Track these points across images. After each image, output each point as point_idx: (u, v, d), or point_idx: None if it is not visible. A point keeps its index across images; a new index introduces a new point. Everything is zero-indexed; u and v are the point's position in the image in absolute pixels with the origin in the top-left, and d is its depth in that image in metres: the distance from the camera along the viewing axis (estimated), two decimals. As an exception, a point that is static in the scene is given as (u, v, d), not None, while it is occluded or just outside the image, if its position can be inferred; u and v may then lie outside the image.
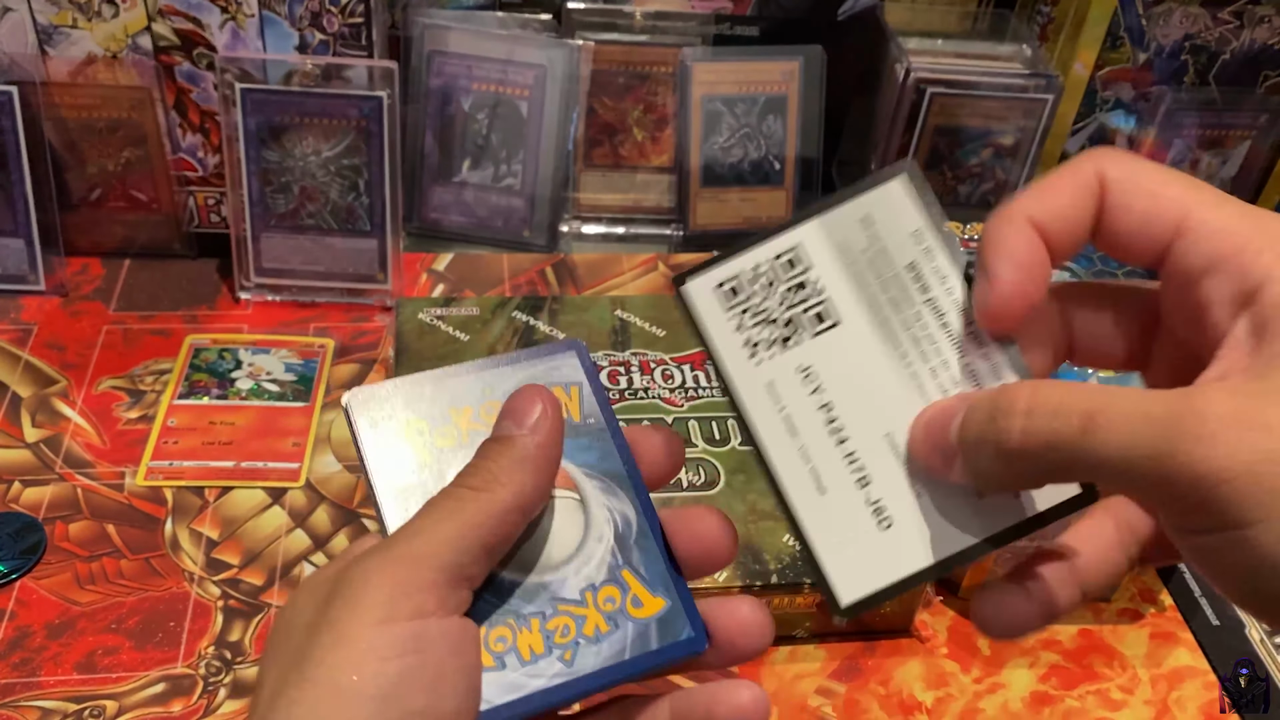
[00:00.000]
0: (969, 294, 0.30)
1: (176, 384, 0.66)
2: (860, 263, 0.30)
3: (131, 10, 0.67)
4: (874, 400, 0.29)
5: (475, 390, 0.33)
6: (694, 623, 0.31)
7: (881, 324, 0.30)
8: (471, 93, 0.76)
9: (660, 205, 0.82)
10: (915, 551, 0.29)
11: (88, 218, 0.73)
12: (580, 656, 0.30)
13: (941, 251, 0.30)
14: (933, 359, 0.29)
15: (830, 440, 0.29)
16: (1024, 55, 0.78)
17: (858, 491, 0.29)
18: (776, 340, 0.30)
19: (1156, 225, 0.27)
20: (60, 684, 0.52)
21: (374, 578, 0.27)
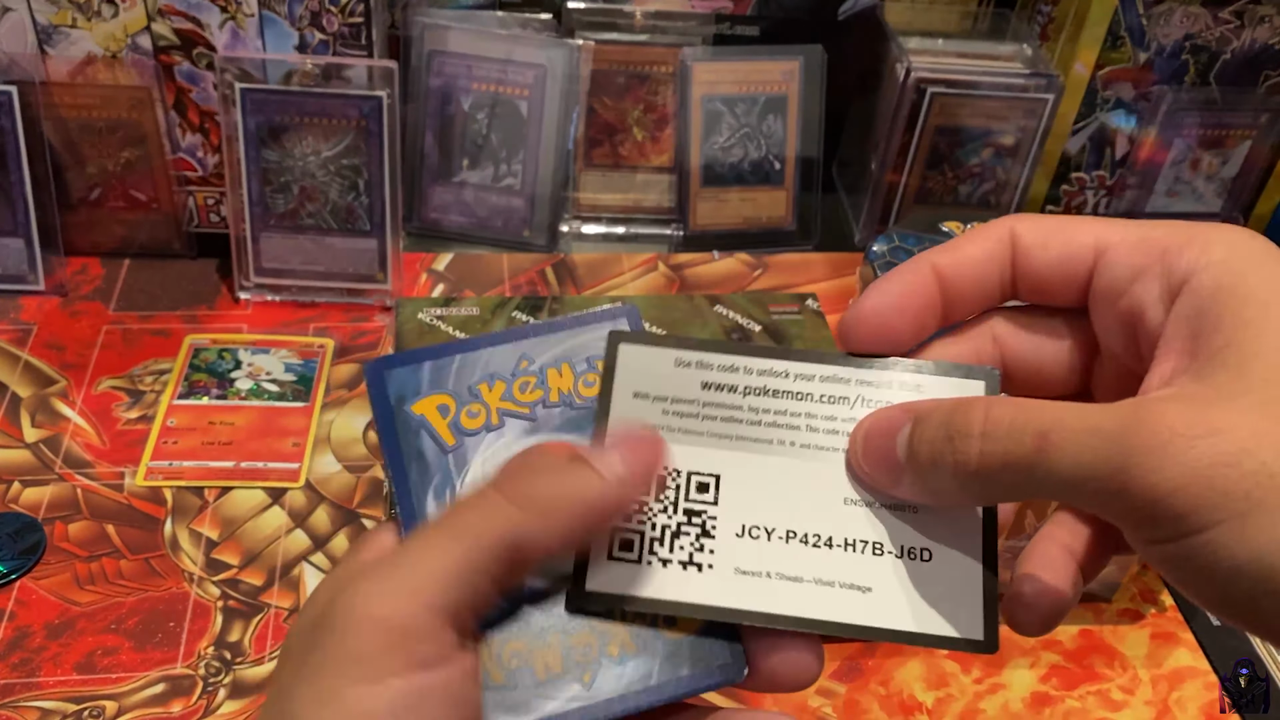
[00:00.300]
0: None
1: (176, 384, 0.66)
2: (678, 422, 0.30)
3: (131, 10, 0.67)
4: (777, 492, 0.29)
5: (510, 362, 0.30)
6: (732, 648, 0.28)
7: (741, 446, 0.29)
8: (471, 92, 0.76)
9: (660, 205, 0.81)
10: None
11: (87, 217, 0.73)
12: (601, 679, 0.27)
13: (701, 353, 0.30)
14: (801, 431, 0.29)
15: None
16: (1024, 55, 0.78)
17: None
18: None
19: (1075, 255, 0.28)
20: (60, 684, 0.51)
21: (365, 625, 0.24)
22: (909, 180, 0.79)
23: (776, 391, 0.30)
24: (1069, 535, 0.29)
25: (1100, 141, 0.81)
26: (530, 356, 0.31)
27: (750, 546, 0.28)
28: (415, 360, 0.30)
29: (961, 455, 0.25)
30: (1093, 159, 0.81)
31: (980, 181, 0.79)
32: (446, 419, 0.30)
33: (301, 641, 0.25)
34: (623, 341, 0.30)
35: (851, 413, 0.29)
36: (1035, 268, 0.28)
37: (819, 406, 0.30)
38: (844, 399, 0.30)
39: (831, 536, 0.29)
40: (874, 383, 0.30)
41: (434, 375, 0.30)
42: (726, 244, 0.80)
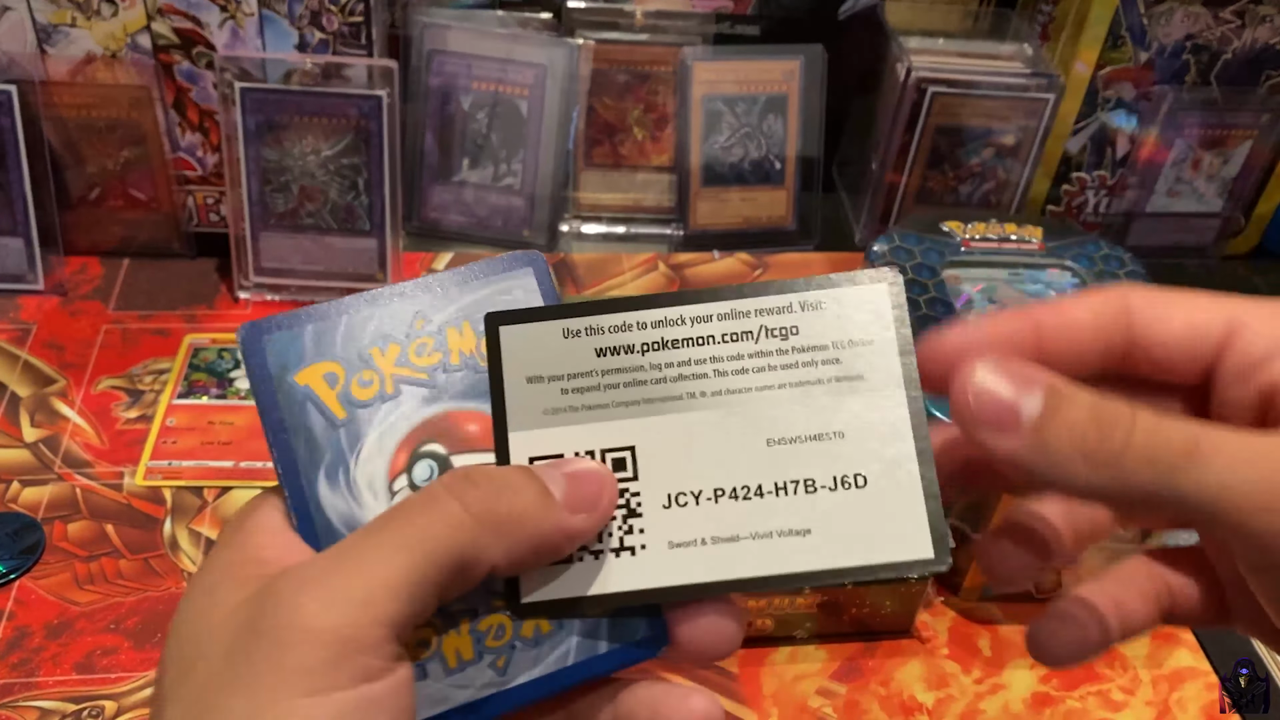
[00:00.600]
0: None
1: (175, 384, 0.66)
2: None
3: (131, 9, 0.67)
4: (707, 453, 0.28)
5: (403, 321, 0.28)
6: (651, 620, 0.27)
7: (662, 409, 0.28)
8: (471, 92, 0.76)
9: (660, 205, 0.81)
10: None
11: (87, 217, 0.73)
12: (515, 663, 0.26)
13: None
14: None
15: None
16: (1025, 54, 0.78)
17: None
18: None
19: (1202, 330, 0.27)
20: (59, 684, 0.51)
21: (308, 636, 0.22)
22: (910, 180, 0.79)
23: (675, 341, 0.28)
24: (1124, 585, 0.29)
25: (1101, 141, 0.81)
26: (426, 315, 0.28)
27: (680, 516, 0.27)
28: (296, 323, 0.27)
29: (1108, 441, 0.24)
30: (1093, 159, 0.81)
31: (981, 181, 0.79)
32: (335, 389, 0.27)
33: (224, 649, 0.23)
34: (502, 324, 0.28)
35: (757, 346, 0.28)
36: (1158, 341, 0.27)
37: (723, 348, 0.28)
38: (747, 334, 0.28)
39: (760, 484, 0.27)
40: (775, 309, 0.28)
41: (318, 340, 0.27)
42: (727, 244, 0.80)
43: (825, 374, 0.28)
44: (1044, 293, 0.66)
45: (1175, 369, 0.28)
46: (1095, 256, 0.68)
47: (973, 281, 0.67)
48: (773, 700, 0.54)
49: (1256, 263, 0.85)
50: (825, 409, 0.28)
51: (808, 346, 0.28)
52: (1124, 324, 0.27)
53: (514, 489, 0.25)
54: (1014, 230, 0.69)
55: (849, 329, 0.28)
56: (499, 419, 0.28)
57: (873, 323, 0.28)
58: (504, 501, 0.25)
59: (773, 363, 0.28)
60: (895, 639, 0.57)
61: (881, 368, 0.28)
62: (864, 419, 0.28)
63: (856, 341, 0.28)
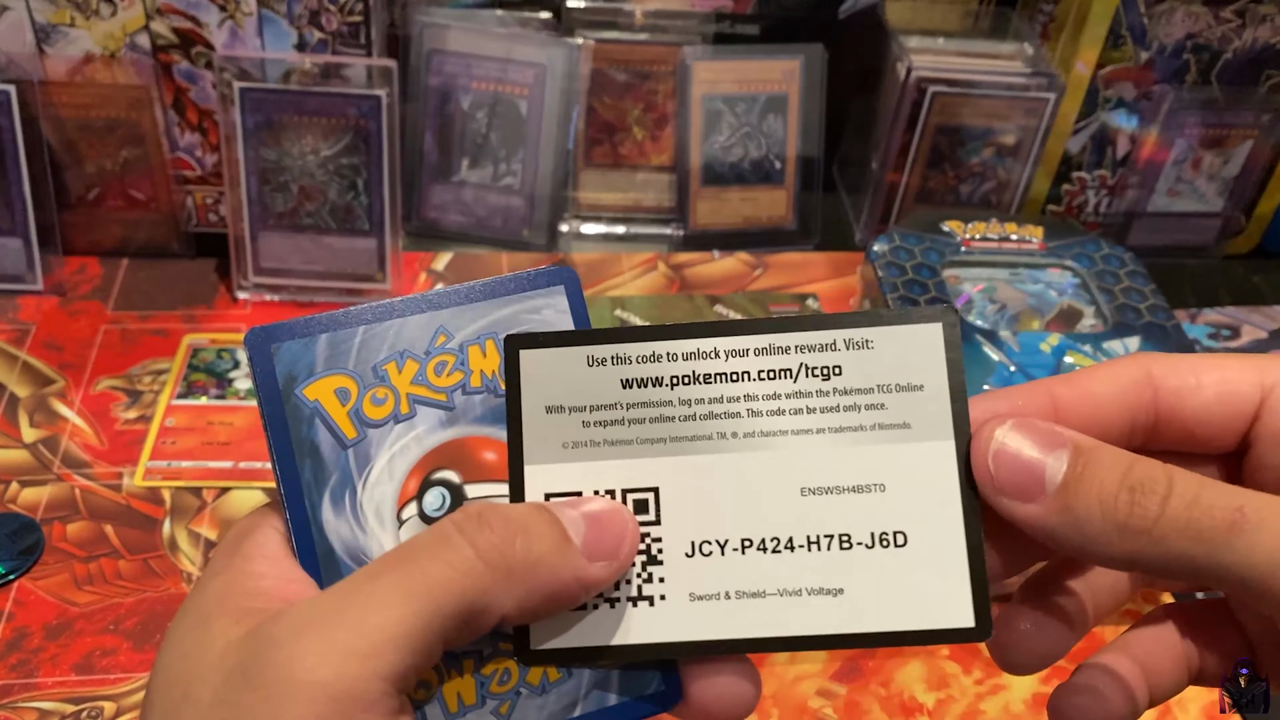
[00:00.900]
0: None
1: (175, 384, 0.66)
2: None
3: (129, 9, 0.67)
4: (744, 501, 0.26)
5: (424, 336, 0.26)
6: (666, 674, 0.26)
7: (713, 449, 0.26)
8: (471, 91, 0.76)
9: (660, 205, 0.81)
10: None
11: (86, 217, 0.73)
12: (520, 710, 0.25)
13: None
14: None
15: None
16: (1025, 54, 0.78)
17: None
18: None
19: (1237, 395, 0.26)
20: (58, 685, 0.51)
21: (305, 691, 0.21)
22: (910, 180, 0.78)
23: (708, 376, 0.26)
24: (1151, 648, 0.28)
25: (1101, 141, 0.80)
26: (449, 330, 0.26)
27: (704, 566, 0.26)
28: (309, 331, 0.25)
29: (1141, 509, 0.23)
30: (1094, 158, 0.81)
31: (981, 181, 0.79)
32: (346, 406, 0.25)
33: (213, 694, 0.22)
34: (523, 348, 0.26)
35: (796, 386, 0.26)
36: (1190, 411, 0.26)
37: (759, 385, 0.26)
38: (786, 371, 0.26)
39: (792, 536, 0.26)
40: (818, 345, 0.26)
41: (331, 351, 0.25)
42: (727, 243, 0.80)
43: (869, 420, 0.26)
44: (1044, 292, 0.66)
45: (1210, 440, 0.26)
46: (1096, 256, 0.67)
47: (973, 281, 0.67)
48: (773, 701, 0.54)
49: (1257, 263, 0.85)
50: (867, 458, 0.26)
51: (851, 389, 0.26)
52: (1149, 397, 0.26)
53: (531, 534, 0.24)
54: (1014, 230, 0.69)
55: (897, 371, 0.26)
56: (515, 450, 0.26)
57: (924, 366, 0.26)
58: (520, 547, 0.23)
59: (812, 404, 0.26)
60: (895, 639, 0.57)
61: (931, 416, 0.26)
62: (909, 471, 0.26)
63: (905, 386, 0.26)
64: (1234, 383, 0.26)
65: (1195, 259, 0.84)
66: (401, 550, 0.23)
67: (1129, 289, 0.65)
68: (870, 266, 0.66)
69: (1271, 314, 0.78)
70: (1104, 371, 0.26)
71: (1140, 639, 0.29)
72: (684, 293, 0.76)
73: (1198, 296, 0.79)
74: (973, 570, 0.25)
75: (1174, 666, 0.28)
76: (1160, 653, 0.28)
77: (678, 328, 0.26)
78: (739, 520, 0.26)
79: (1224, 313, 0.78)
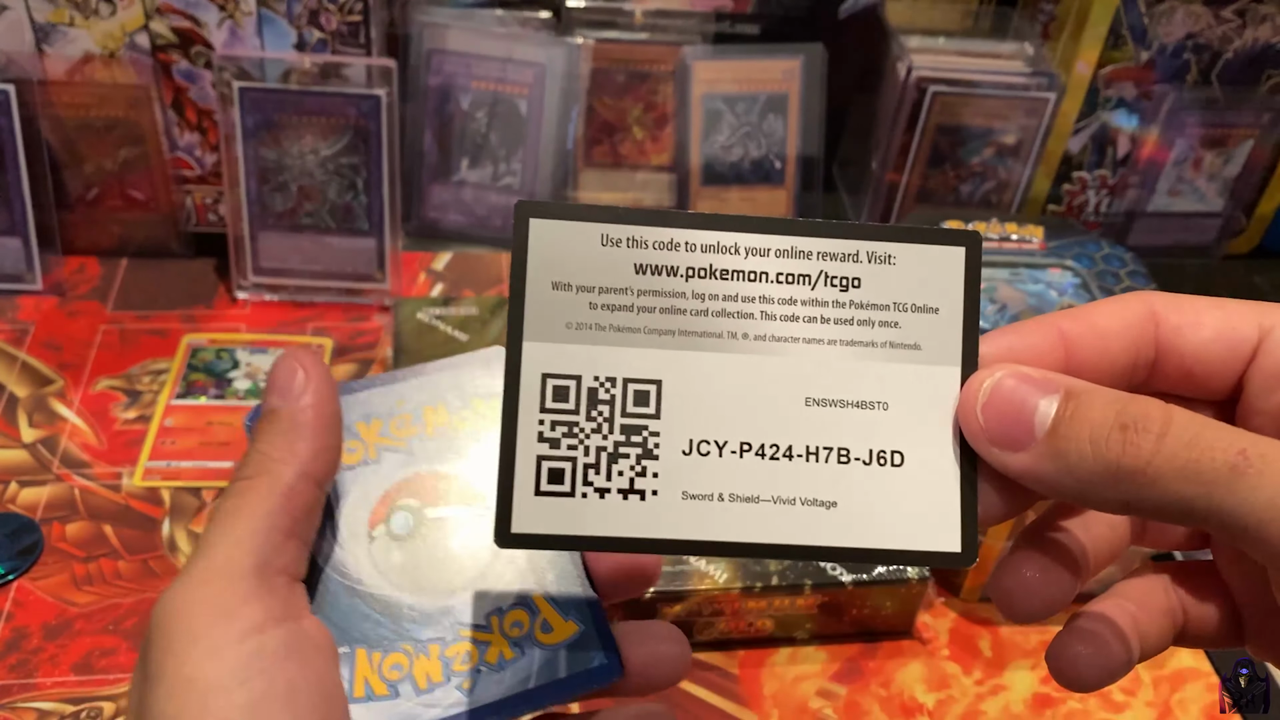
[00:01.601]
0: None
1: (174, 384, 0.66)
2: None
3: (129, 8, 0.67)
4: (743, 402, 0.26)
5: (387, 403, 0.31)
6: (607, 650, 0.29)
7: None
8: (470, 91, 0.76)
9: (660, 204, 0.81)
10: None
11: (85, 217, 0.73)
12: (481, 685, 0.28)
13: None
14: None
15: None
16: (1026, 54, 0.78)
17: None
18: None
19: (1236, 334, 0.25)
20: (57, 685, 0.51)
21: (184, 609, 0.24)
22: (910, 179, 0.78)
23: (725, 271, 0.25)
24: (1141, 602, 0.27)
25: (1102, 141, 0.80)
26: (405, 397, 0.31)
27: (700, 465, 0.25)
28: None
29: (1133, 448, 0.22)
30: (1094, 158, 0.81)
31: (982, 181, 0.79)
32: None
33: (137, 678, 0.25)
34: (533, 215, 0.25)
35: (813, 294, 0.26)
36: (1189, 348, 0.25)
37: (776, 288, 0.26)
38: (805, 277, 0.26)
39: (792, 445, 0.25)
40: (840, 254, 0.26)
41: None
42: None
43: (881, 336, 0.26)
44: (1045, 292, 0.66)
45: (1208, 379, 0.26)
46: (1096, 256, 0.67)
47: (973, 281, 0.66)
48: (773, 701, 0.54)
49: (1257, 262, 0.85)
50: (874, 375, 0.26)
51: (868, 303, 0.26)
52: (1151, 332, 0.26)
53: (261, 433, 0.28)
54: (1015, 230, 0.69)
55: (915, 291, 0.26)
56: (515, 324, 0.25)
57: (943, 288, 0.26)
58: (260, 445, 0.27)
59: (827, 314, 0.26)
60: (896, 640, 0.57)
61: (942, 340, 0.26)
62: (913, 393, 0.26)
63: (921, 307, 0.26)
64: (1234, 321, 0.25)
65: (1196, 259, 0.84)
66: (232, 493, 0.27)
67: (1129, 289, 0.65)
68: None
69: (1272, 314, 0.78)
70: (1109, 306, 0.26)
71: (1132, 590, 0.28)
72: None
73: (1198, 296, 0.79)
74: (964, 497, 0.25)
75: (1163, 622, 0.28)
76: (1152, 605, 0.28)
77: (700, 217, 0.26)
78: (740, 423, 0.25)
79: (1224, 313, 0.78)
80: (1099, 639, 0.27)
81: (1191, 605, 0.28)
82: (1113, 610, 0.28)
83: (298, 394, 0.27)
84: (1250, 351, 0.25)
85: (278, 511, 0.26)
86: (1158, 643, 0.28)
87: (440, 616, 0.29)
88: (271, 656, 0.24)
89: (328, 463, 0.28)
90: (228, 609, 0.24)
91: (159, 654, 0.24)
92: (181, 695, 0.23)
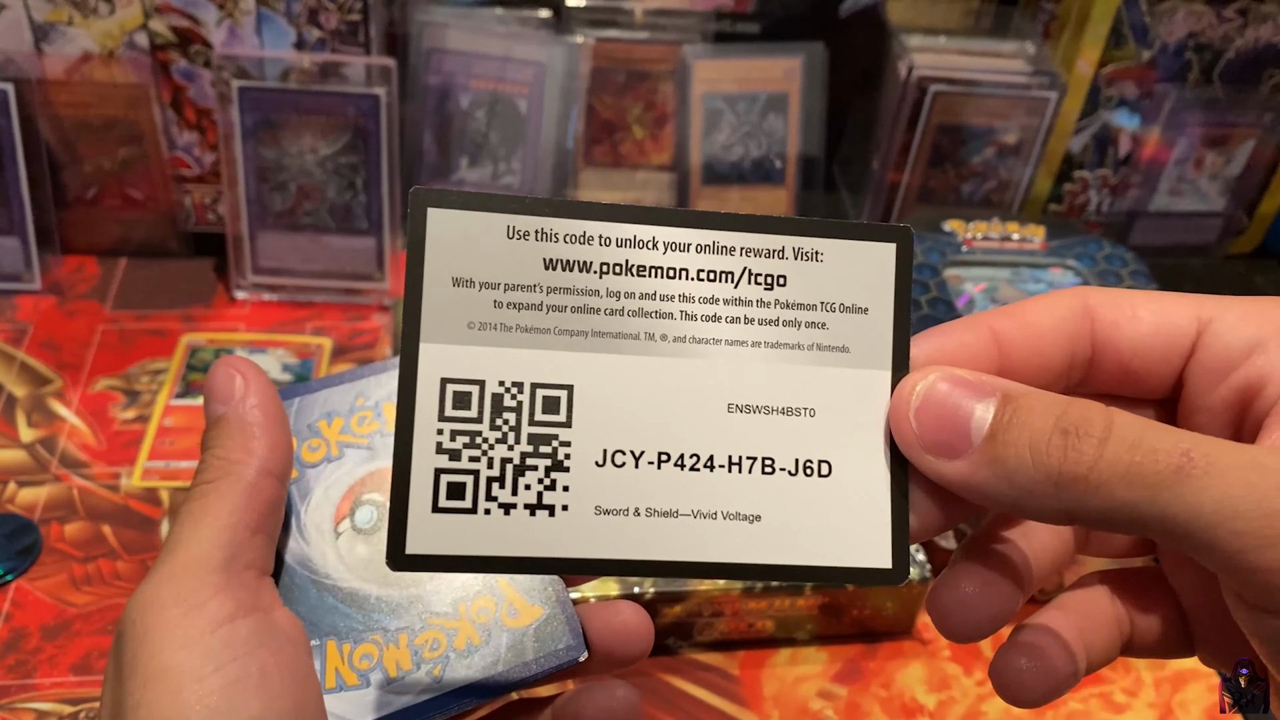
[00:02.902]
0: None
1: (173, 384, 0.65)
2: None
3: (128, 7, 0.67)
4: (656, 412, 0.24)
5: (347, 400, 0.32)
6: (573, 631, 0.30)
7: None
8: (470, 90, 0.75)
9: (660, 204, 0.81)
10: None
11: (84, 216, 0.73)
12: (450, 671, 0.29)
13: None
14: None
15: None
16: (1027, 53, 0.77)
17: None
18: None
19: (1174, 327, 0.24)
20: (56, 686, 0.51)
21: (155, 603, 0.25)
22: (911, 179, 0.78)
23: (642, 268, 0.24)
24: (1086, 613, 0.27)
25: (1103, 140, 0.80)
26: (366, 394, 0.32)
27: (614, 477, 0.24)
28: None
29: (1075, 454, 0.21)
30: (1096, 158, 0.81)
31: (983, 180, 0.79)
32: None
33: (109, 675, 0.26)
34: (431, 205, 0.23)
35: (736, 292, 0.24)
36: (1127, 343, 0.25)
37: (696, 286, 0.24)
38: (727, 274, 0.24)
39: (713, 455, 0.24)
40: (765, 251, 0.24)
41: None
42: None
43: (807, 338, 0.24)
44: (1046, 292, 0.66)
45: (1147, 376, 0.25)
46: (1097, 256, 0.67)
47: (974, 281, 0.66)
48: (773, 702, 0.54)
49: (1259, 262, 0.85)
50: (800, 379, 0.24)
51: (794, 302, 0.25)
52: (1087, 328, 0.25)
53: (213, 440, 0.28)
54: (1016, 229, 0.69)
55: (843, 290, 0.25)
56: (411, 324, 0.23)
57: (872, 287, 0.25)
58: (216, 451, 0.27)
59: (751, 314, 0.24)
60: (896, 640, 0.57)
61: (871, 342, 0.25)
62: (842, 399, 0.24)
63: (849, 306, 0.25)
64: (1170, 314, 0.25)
65: (1197, 258, 0.84)
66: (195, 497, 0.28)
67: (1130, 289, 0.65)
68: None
69: (1274, 314, 0.78)
70: (1043, 303, 0.25)
71: (1076, 600, 0.27)
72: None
73: (1199, 296, 0.79)
74: (895, 509, 0.24)
75: (1109, 632, 0.27)
76: (1096, 615, 0.27)
77: (615, 208, 0.24)
78: (658, 431, 0.24)
79: (1226, 312, 0.78)
80: (1042, 652, 0.26)
81: (1138, 615, 0.27)
82: (1056, 622, 0.27)
83: (240, 397, 0.28)
84: (1189, 345, 0.25)
85: (242, 508, 0.27)
86: (1104, 654, 0.27)
87: (408, 606, 0.29)
88: (243, 644, 0.25)
89: (284, 457, 0.28)
90: (198, 601, 0.25)
91: (132, 648, 0.24)
92: (156, 684, 0.24)
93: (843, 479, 0.24)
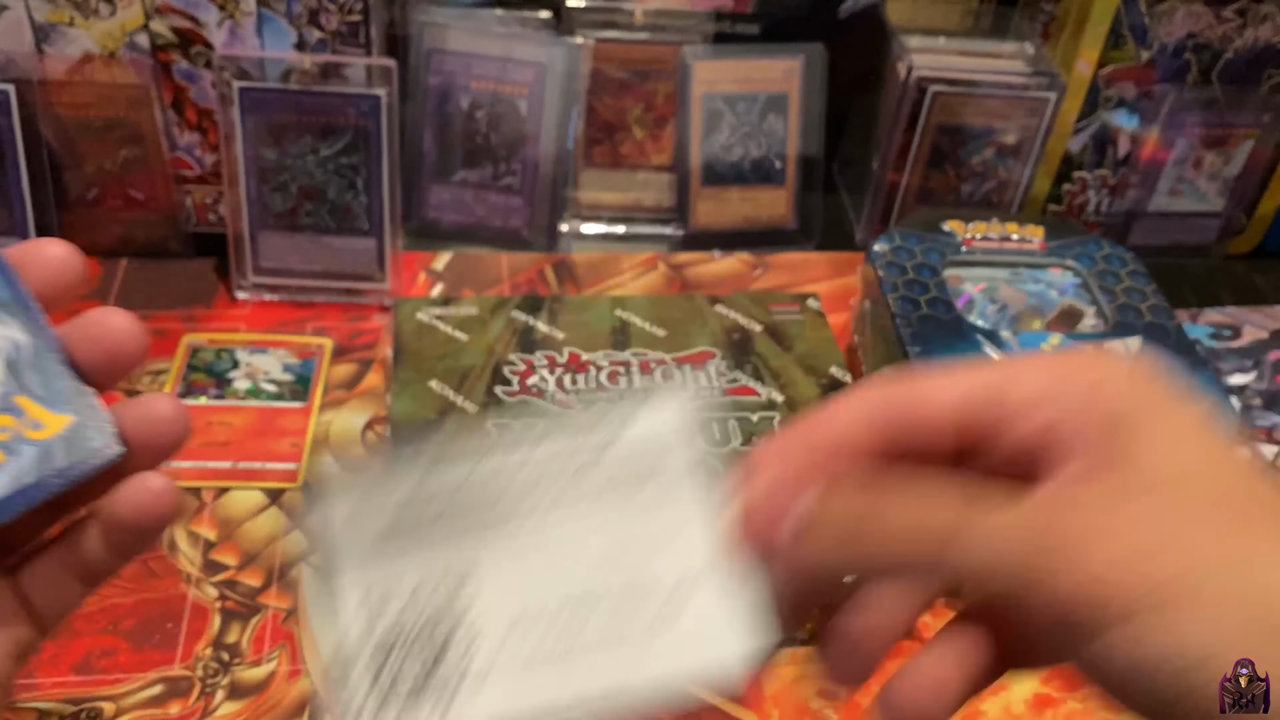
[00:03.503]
0: None
1: (174, 384, 0.66)
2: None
3: (129, 8, 0.67)
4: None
5: None
6: (103, 431, 0.30)
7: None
8: (470, 91, 0.76)
9: (660, 204, 0.81)
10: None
11: (85, 217, 0.73)
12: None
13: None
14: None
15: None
16: (1026, 53, 0.78)
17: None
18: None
19: (976, 389, 0.27)
20: (57, 686, 0.51)
21: None
22: (910, 179, 0.78)
23: (499, 474, 0.29)
24: (948, 655, 0.29)
25: (1102, 140, 0.80)
26: None
27: (513, 646, 0.28)
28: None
29: (869, 528, 0.26)
30: (1095, 158, 0.81)
31: (982, 181, 0.79)
32: None
33: None
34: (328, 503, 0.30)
35: (571, 472, 0.29)
36: (922, 421, 0.27)
37: (540, 471, 0.29)
38: (561, 468, 0.30)
39: (582, 595, 0.28)
40: (574, 450, 0.29)
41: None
42: (727, 243, 0.80)
43: (635, 501, 0.29)
44: (1045, 292, 0.66)
45: (946, 438, 0.27)
46: (1097, 256, 0.67)
47: (974, 281, 0.66)
48: (773, 702, 0.54)
49: (1258, 262, 0.85)
50: (641, 526, 0.29)
51: (615, 479, 0.29)
52: (881, 405, 0.28)
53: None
54: (1015, 230, 0.69)
55: (642, 459, 0.29)
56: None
57: (670, 446, 0.29)
58: None
59: (587, 488, 0.29)
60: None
61: (681, 492, 0.29)
62: (676, 537, 0.29)
63: (650, 471, 0.29)
64: (969, 380, 0.27)
65: (1196, 259, 0.84)
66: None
67: (1130, 289, 0.65)
68: (871, 267, 0.66)
69: (1272, 314, 0.78)
70: (850, 404, 0.28)
71: (942, 644, 0.30)
72: (684, 293, 0.76)
73: (1199, 296, 0.79)
74: (743, 616, 0.28)
75: (976, 667, 0.29)
76: (962, 655, 0.30)
77: (462, 466, 0.29)
78: (539, 591, 0.28)
79: (1225, 312, 0.78)
80: (915, 688, 0.29)
81: (970, 649, 0.30)
82: (925, 660, 0.30)
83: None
84: (994, 403, 0.27)
85: None
86: (960, 692, 0.29)
87: None
88: None
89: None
90: None
91: None
92: None
93: (686, 589, 0.28)
